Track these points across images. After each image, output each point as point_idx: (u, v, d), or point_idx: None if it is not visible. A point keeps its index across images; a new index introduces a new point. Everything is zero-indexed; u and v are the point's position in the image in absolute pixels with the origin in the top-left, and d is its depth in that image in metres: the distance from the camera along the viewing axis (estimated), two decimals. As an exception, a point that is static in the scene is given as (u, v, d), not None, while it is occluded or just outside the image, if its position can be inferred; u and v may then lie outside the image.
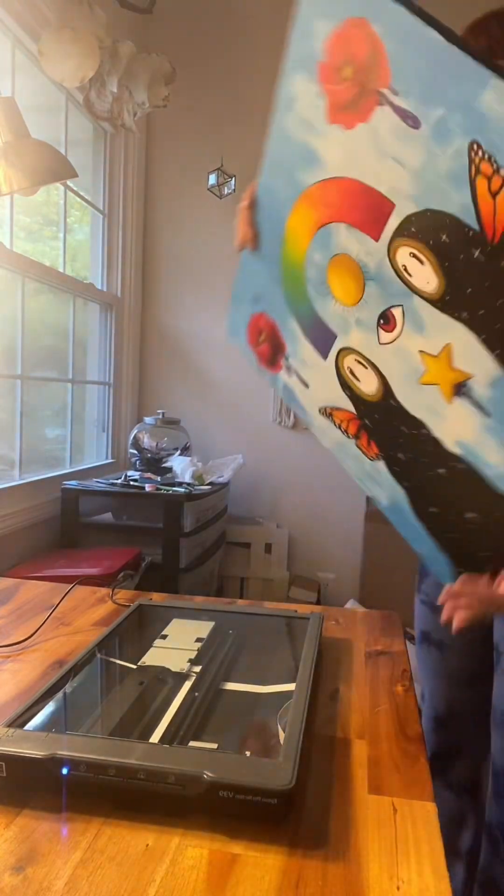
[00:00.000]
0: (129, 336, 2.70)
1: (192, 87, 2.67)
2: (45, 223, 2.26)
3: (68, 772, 0.50)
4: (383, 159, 0.56)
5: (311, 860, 0.45)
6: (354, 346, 0.67)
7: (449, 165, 0.50)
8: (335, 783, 0.53)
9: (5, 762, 0.50)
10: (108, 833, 0.47)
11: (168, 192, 2.75)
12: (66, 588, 1.02)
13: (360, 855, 0.45)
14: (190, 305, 2.77)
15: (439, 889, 0.42)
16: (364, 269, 0.62)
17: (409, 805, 0.50)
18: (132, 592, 1.05)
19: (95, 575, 1.70)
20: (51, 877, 0.43)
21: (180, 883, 0.42)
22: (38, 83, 2.07)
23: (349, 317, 0.66)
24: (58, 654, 0.79)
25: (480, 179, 0.48)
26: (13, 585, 1.07)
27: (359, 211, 0.61)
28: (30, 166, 1.35)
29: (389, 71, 0.53)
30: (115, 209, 2.61)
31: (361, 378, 0.68)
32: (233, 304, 0.94)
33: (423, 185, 0.53)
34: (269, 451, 2.63)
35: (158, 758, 0.49)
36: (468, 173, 0.49)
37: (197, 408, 2.75)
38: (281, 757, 0.50)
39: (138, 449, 2.40)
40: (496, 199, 0.48)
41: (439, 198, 0.52)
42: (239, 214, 0.84)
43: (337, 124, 0.61)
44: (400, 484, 0.69)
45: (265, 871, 0.43)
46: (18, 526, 1.93)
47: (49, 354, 2.28)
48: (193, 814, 0.48)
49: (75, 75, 1.84)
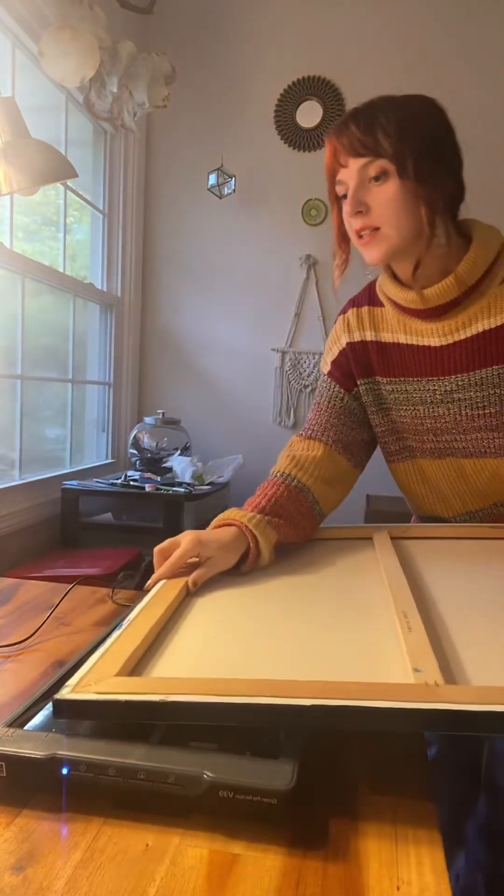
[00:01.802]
0: (129, 336, 2.70)
1: (192, 87, 2.67)
2: (43, 223, 2.26)
3: (68, 772, 0.50)
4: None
5: (311, 860, 0.45)
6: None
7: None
8: (335, 783, 0.53)
9: (5, 762, 0.50)
10: (108, 833, 0.47)
11: (168, 192, 2.75)
12: (66, 588, 1.02)
13: (360, 855, 0.45)
14: (190, 305, 2.77)
15: (439, 889, 0.42)
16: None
17: (409, 805, 0.50)
18: (132, 592, 1.05)
19: (95, 575, 1.70)
20: (51, 877, 0.43)
21: (180, 883, 0.42)
22: (38, 83, 2.07)
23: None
24: (58, 654, 0.79)
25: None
26: (13, 585, 1.07)
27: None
28: (30, 166, 1.35)
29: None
30: (115, 209, 2.61)
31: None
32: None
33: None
34: (269, 451, 2.63)
35: (158, 758, 0.49)
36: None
37: (197, 408, 2.75)
38: (281, 757, 0.50)
39: (138, 449, 2.40)
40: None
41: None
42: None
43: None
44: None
45: (265, 871, 0.43)
46: (18, 526, 1.93)
47: (49, 354, 2.28)
48: (193, 814, 0.48)
49: (75, 75, 1.84)
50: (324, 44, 2.58)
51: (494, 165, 2.50)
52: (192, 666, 0.62)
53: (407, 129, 0.84)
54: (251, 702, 0.51)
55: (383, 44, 2.54)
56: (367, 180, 0.86)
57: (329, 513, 1.04)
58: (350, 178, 0.87)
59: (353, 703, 0.50)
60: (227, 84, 2.67)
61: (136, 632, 0.66)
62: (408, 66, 2.52)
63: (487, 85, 2.50)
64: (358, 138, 0.85)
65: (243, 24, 2.63)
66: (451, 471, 1.03)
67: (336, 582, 0.83)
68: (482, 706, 0.49)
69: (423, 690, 0.52)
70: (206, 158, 2.66)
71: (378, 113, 0.85)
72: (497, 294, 0.90)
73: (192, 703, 0.52)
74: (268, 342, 2.70)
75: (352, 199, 0.87)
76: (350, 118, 0.86)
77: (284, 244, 2.65)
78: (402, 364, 1.00)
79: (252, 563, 0.88)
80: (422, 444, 1.03)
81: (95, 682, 0.56)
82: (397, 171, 0.84)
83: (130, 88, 2.11)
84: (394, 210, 0.85)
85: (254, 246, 2.69)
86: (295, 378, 2.68)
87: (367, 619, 0.70)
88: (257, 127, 2.65)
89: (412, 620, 0.66)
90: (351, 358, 1.04)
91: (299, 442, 1.06)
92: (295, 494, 0.98)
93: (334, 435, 1.04)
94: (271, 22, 2.62)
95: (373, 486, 1.18)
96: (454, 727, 0.49)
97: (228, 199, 2.64)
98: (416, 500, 1.12)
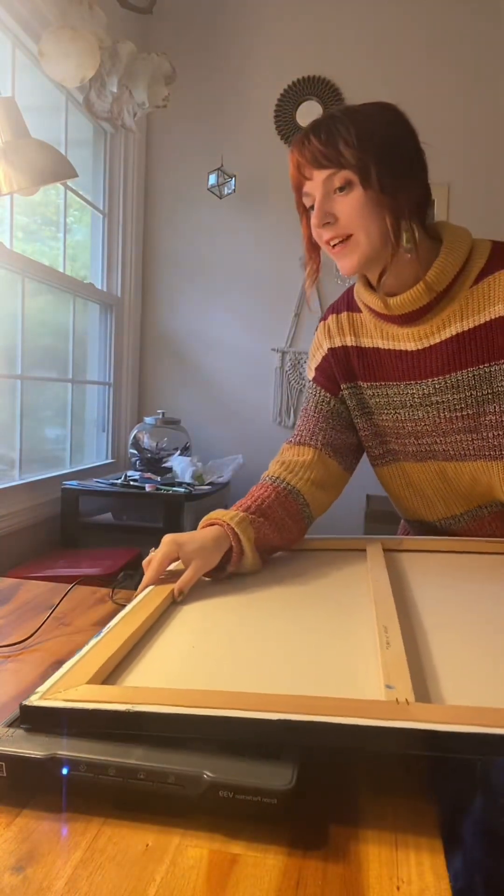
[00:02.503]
0: (129, 336, 2.70)
1: (192, 87, 2.67)
2: (43, 223, 2.26)
3: (68, 772, 0.50)
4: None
5: (311, 860, 0.45)
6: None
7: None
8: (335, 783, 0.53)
9: (5, 762, 0.50)
10: (108, 833, 0.47)
11: (168, 192, 2.75)
12: (66, 588, 1.02)
13: (360, 855, 0.45)
14: (190, 305, 2.77)
15: (439, 889, 0.42)
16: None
17: (409, 805, 0.50)
18: (132, 592, 1.05)
19: (95, 575, 1.70)
20: (51, 877, 0.43)
21: (180, 883, 0.42)
22: (38, 83, 2.07)
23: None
24: (58, 654, 0.79)
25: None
26: (13, 585, 1.07)
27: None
28: (30, 166, 1.35)
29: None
30: (115, 209, 2.61)
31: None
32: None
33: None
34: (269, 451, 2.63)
35: (158, 758, 0.49)
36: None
37: (197, 408, 2.75)
38: (281, 757, 0.50)
39: (138, 449, 2.40)
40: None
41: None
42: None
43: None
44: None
45: (265, 871, 0.43)
46: (18, 526, 1.93)
47: (49, 354, 2.28)
48: (193, 814, 0.48)
49: (75, 75, 1.84)
50: (324, 44, 2.58)
51: (494, 165, 2.50)
52: (168, 676, 0.61)
53: (367, 138, 0.84)
54: (218, 714, 0.51)
55: (383, 44, 2.54)
56: (332, 191, 0.86)
57: (318, 516, 1.05)
58: (315, 189, 0.87)
59: (320, 718, 0.49)
60: (227, 84, 2.67)
61: (113, 639, 0.66)
62: (408, 66, 2.52)
63: (488, 85, 2.50)
64: (320, 150, 0.85)
65: (243, 25, 2.63)
66: (433, 474, 1.03)
67: (323, 594, 0.83)
68: (451, 726, 0.47)
69: (393, 708, 0.51)
70: (206, 158, 2.66)
71: (338, 124, 0.85)
72: (468, 297, 0.90)
73: (158, 714, 0.51)
74: (268, 342, 2.70)
75: (318, 210, 0.87)
76: (311, 130, 0.87)
77: (284, 244, 2.65)
78: (382, 368, 1.00)
79: (236, 562, 0.88)
80: (404, 448, 1.04)
81: (65, 689, 0.56)
82: (360, 180, 0.84)
83: (130, 88, 2.11)
84: (361, 218, 0.86)
85: (254, 246, 2.69)
86: (295, 378, 2.68)
87: (350, 633, 0.69)
88: (257, 127, 2.65)
89: (392, 635, 0.65)
90: (333, 363, 1.05)
91: (289, 448, 1.07)
92: (284, 497, 0.98)
93: (323, 439, 1.05)
94: (271, 22, 2.62)
95: (373, 486, 1.18)
96: (422, 747, 0.48)
97: (228, 199, 2.64)
98: (401, 503, 1.13)
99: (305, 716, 0.50)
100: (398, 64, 2.53)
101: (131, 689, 0.57)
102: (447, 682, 0.57)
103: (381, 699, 0.53)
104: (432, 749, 0.48)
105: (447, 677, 0.58)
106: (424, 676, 0.59)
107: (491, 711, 0.50)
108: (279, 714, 0.50)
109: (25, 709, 0.54)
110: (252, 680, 0.59)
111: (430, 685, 0.57)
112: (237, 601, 0.81)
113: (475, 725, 0.47)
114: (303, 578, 0.89)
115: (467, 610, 0.76)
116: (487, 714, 0.49)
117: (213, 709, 0.51)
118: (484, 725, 0.47)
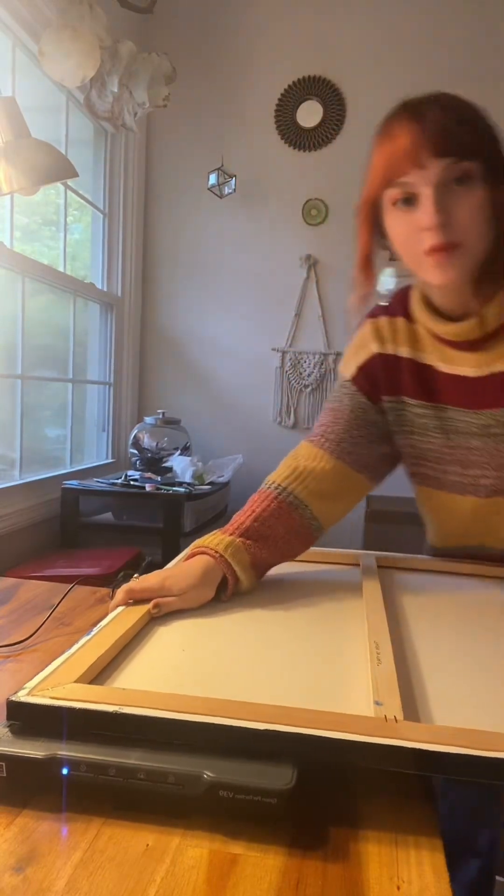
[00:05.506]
0: (129, 336, 2.70)
1: (192, 87, 2.67)
2: (43, 223, 2.25)
3: (68, 772, 0.50)
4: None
5: (311, 860, 0.44)
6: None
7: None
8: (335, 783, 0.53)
9: (5, 762, 0.50)
10: (108, 833, 0.47)
11: (168, 192, 2.75)
12: (65, 588, 1.02)
13: (360, 855, 0.45)
14: (190, 305, 2.77)
15: (439, 889, 0.42)
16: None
17: (409, 805, 0.50)
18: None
19: (95, 575, 1.70)
20: (51, 877, 0.43)
21: (180, 883, 0.42)
22: (38, 83, 2.07)
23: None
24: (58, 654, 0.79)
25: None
26: (13, 585, 1.07)
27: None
28: (30, 166, 1.35)
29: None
30: (115, 209, 2.61)
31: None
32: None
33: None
34: (269, 451, 2.63)
35: (158, 758, 0.49)
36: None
37: (197, 408, 2.75)
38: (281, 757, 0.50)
39: (138, 449, 2.40)
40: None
41: None
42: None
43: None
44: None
45: (265, 871, 0.43)
46: (18, 526, 1.93)
47: (49, 354, 2.28)
48: (193, 814, 0.48)
49: (75, 75, 1.84)
50: (324, 44, 2.58)
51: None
52: (157, 679, 0.61)
53: (489, 131, 0.74)
54: (206, 721, 0.51)
55: (383, 44, 2.54)
56: (451, 184, 0.73)
57: (331, 526, 0.97)
58: (427, 181, 0.72)
59: (307, 731, 0.49)
60: (227, 84, 2.67)
61: (103, 639, 0.66)
62: (408, 66, 2.52)
63: (488, 85, 2.50)
64: (452, 132, 0.71)
65: (243, 24, 2.63)
66: (468, 508, 0.96)
67: (317, 608, 0.82)
68: (437, 746, 0.47)
69: (380, 725, 0.50)
70: (206, 158, 2.66)
71: (459, 108, 0.73)
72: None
73: (145, 717, 0.51)
74: (268, 342, 2.70)
75: (436, 206, 0.72)
76: (431, 108, 0.72)
77: (284, 244, 2.65)
78: (437, 389, 0.91)
79: (232, 590, 0.84)
80: (444, 475, 0.96)
81: (52, 687, 0.56)
82: (485, 175, 0.72)
83: (130, 88, 2.11)
84: (477, 222, 0.74)
85: (254, 246, 2.69)
86: (295, 378, 2.68)
87: (342, 648, 0.69)
88: (257, 127, 2.65)
89: (383, 652, 0.64)
90: (380, 369, 0.94)
91: (308, 449, 0.96)
92: (287, 511, 0.91)
93: (349, 447, 0.95)
94: (271, 22, 2.62)
95: (373, 486, 1.17)
96: (407, 765, 0.48)
97: (228, 199, 2.64)
98: (430, 525, 1.08)
99: (293, 727, 0.50)
100: (399, 64, 2.52)
101: (119, 690, 0.57)
102: (437, 702, 0.57)
103: (369, 715, 0.53)
104: (418, 768, 0.48)
105: (437, 696, 0.58)
106: (414, 694, 0.58)
107: (478, 733, 0.50)
108: (266, 724, 0.50)
109: (12, 704, 0.54)
110: (241, 688, 0.59)
111: (419, 703, 0.57)
112: (229, 609, 0.81)
113: (461, 747, 0.47)
114: (296, 592, 0.89)
115: (460, 631, 0.76)
116: (474, 736, 0.49)
117: (202, 715, 0.51)
118: (470, 748, 0.47)
